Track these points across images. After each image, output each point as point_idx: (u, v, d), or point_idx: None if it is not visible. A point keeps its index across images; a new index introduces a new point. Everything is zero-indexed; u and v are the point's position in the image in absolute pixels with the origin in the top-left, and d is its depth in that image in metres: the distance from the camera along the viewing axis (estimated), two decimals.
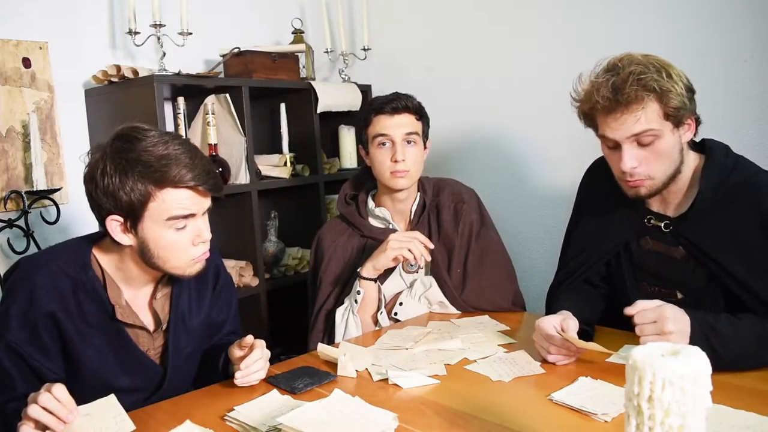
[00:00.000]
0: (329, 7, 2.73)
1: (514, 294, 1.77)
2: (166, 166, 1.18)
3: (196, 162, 1.22)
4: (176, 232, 1.23)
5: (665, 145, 1.30)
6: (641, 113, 1.27)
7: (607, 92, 1.28)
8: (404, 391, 1.23)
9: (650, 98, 1.26)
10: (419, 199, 1.82)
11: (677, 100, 1.26)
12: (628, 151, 1.31)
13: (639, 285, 1.49)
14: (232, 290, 1.55)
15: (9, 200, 2.01)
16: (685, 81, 1.30)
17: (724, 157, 1.37)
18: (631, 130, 1.28)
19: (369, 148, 1.78)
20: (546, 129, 2.26)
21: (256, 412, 1.15)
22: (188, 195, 1.21)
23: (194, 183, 1.20)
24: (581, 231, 1.59)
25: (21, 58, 2.07)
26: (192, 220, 1.24)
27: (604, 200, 1.52)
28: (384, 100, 1.76)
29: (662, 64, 1.29)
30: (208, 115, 2.23)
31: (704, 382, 0.73)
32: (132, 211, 1.19)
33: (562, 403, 1.12)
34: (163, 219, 1.20)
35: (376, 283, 1.71)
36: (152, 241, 1.22)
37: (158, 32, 2.16)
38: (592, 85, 1.33)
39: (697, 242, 1.36)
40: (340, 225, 1.87)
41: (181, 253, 1.25)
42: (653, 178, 1.33)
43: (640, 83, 1.25)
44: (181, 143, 1.23)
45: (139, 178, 1.17)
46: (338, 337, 1.69)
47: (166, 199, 1.19)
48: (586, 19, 2.12)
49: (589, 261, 1.55)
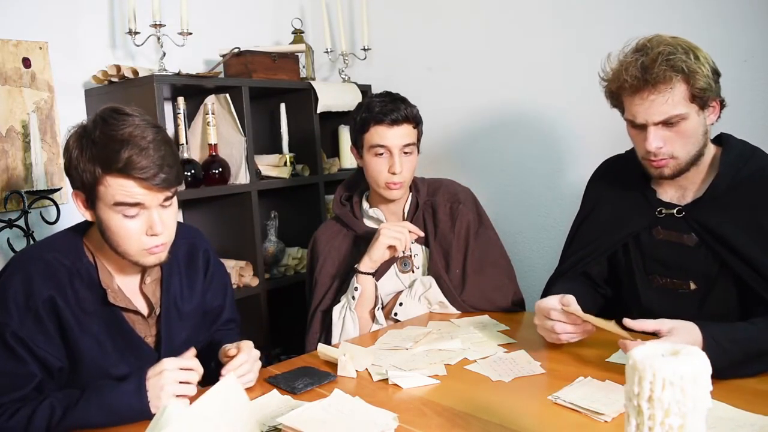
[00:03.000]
0: (329, 7, 2.73)
1: (513, 293, 1.77)
2: (116, 152, 1.16)
3: (151, 152, 1.18)
4: (126, 219, 1.21)
5: (690, 127, 1.32)
6: (669, 94, 1.28)
7: (636, 71, 1.30)
8: (404, 391, 1.23)
9: (678, 79, 1.28)
10: (411, 198, 1.82)
11: (704, 81, 1.29)
12: (654, 132, 1.33)
13: (650, 277, 1.48)
14: (225, 275, 1.54)
15: (9, 200, 2.01)
16: (711, 63, 1.32)
17: (742, 146, 1.40)
18: (658, 114, 1.30)
19: (364, 154, 1.76)
20: (546, 129, 2.26)
21: (256, 412, 1.15)
22: (134, 186, 1.19)
23: (141, 175, 1.17)
24: (588, 226, 1.59)
25: (21, 58, 2.07)
26: (143, 210, 1.22)
27: (615, 197, 1.53)
28: (382, 108, 1.70)
29: (690, 46, 1.31)
30: (208, 115, 2.23)
31: (704, 382, 0.73)
32: (87, 190, 1.21)
33: (562, 403, 1.12)
34: (111, 204, 1.20)
35: (373, 278, 1.71)
36: (104, 222, 1.22)
37: (158, 32, 2.16)
38: (620, 64, 1.34)
39: (710, 227, 1.36)
40: (335, 226, 1.87)
41: (131, 241, 1.23)
42: (677, 157, 1.35)
43: (668, 63, 1.27)
44: (151, 132, 1.20)
45: (90, 159, 1.18)
46: (335, 335, 1.69)
47: (112, 184, 1.18)
48: (585, 20, 2.12)
49: (594, 253, 1.55)
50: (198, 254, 1.45)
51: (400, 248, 1.67)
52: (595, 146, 2.04)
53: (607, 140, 1.52)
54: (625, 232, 1.50)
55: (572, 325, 1.31)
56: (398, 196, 1.76)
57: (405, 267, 1.79)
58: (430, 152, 2.59)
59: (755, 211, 1.32)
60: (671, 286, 1.44)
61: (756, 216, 1.32)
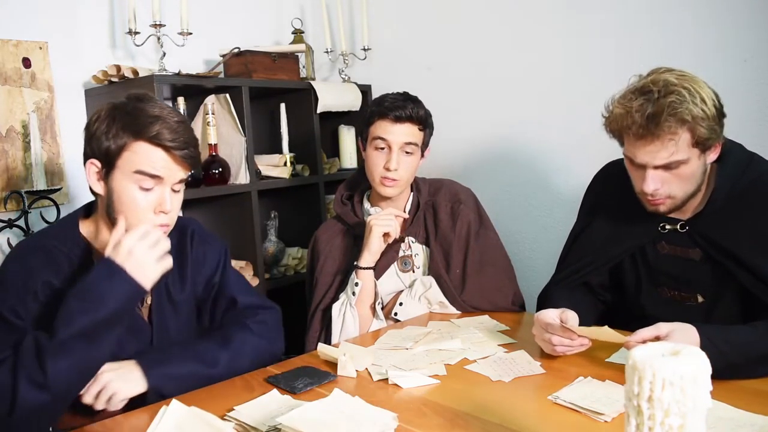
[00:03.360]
0: (329, 7, 2.73)
1: (513, 294, 1.77)
2: (150, 123, 1.23)
3: (180, 131, 1.25)
4: (140, 192, 1.24)
5: (690, 170, 1.29)
6: (673, 145, 1.25)
7: (641, 119, 1.24)
8: (404, 391, 1.23)
9: (683, 129, 1.24)
10: (413, 198, 1.82)
11: (708, 129, 1.25)
12: (653, 175, 1.30)
13: (658, 289, 1.47)
14: (217, 252, 1.49)
15: (9, 200, 2.01)
16: (716, 104, 1.27)
17: (739, 153, 1.38)
18: (659, 159, 1.27)
19: (367, 147, 1.78)
20: (546, 130, 2.26)
21: (256, 412, 1.15)
22: (161, 156, 1.24)
23: (170, 144, 1.23)
24: (588, 236, 1.57)
25: (21, 58, 2.07)
26: (160, 185, 1.25)
27: (615, 207, 1.51)
28: (391, 104, 1.72)
29: (695, 87, 1.25)
30: (208, 115, 2.23)
31: (704, 382, 0.73)
32: (108, 157, 1.24)
33: (562, 403, 1.12)
34: (131, 171, 1.23)
35: (372, 273, 1.71)
36: (116, 193, 1.24)
37: (158, 32, 2.16)
38: (625, 108, 1.28)
39: (714, 239, 1.36)
40: (336, 226, 1.87)
41: (138, 215, 1.24)
42: (674, 197, 1.33)
43: (676, 117, 1.22)
44: (177, 115, 1.27)
45: (122, 126, 1.23)
46: (335, 332, 1.69)
47: (138, 151, 1.23)
48: (586, 20, 2.12)
49: (592, 265, 1.54)
50: (186, 236, 1.45)
51: (393, 233, 1.69)
52: (595, 147, 2.02)
53: (608, 141, 1.52)
54: (629, 244, 1.48)
55: (569, 340, 1.31)
56: (392, 194, 1.76)
57: (405, 266, 1.80)
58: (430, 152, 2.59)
59: (757, 219, 1.32)
60: (679, 298, 1.44)
61: (758, 224, 1.31)
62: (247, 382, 1.31)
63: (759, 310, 1.30)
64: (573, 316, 1.31)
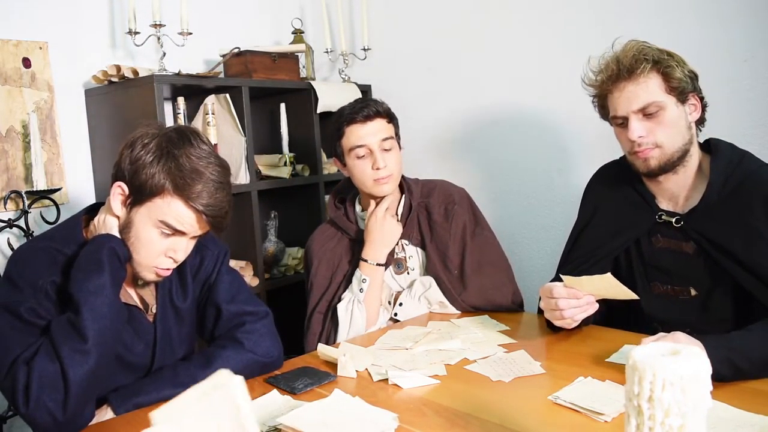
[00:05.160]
0: (329, 7, 2.73)
1: (513, 293, 1.76)
2: (192, 180, 1.20)
3: (218, 196, 1.23)
4: (158, 236, 1.24)
5: (670, 117, 1.37)
6: (644, 83, 1.36)
7: (615, 65, 1.39)
8: (404, 391, 1.23)
9: (651, 68, 1.36)
10: (405, 200, 1.81)
11: (678, 72, 1.36)
12: (635, 122, 1.38)
13: (650, 284, 1.49)
14: (217, 252, 1.49)
15: (9, 200, 2.01)
16: (687, 64, 1.40)
17: (730, 152, 1.42)
18: (636, 102, 1.36)
19: (346, 161, 1.76)
20: (546, 129, 2.26)
21: (256, 412, 1.14)
22: (191, 216, 1.23)
23: (203, 210, 1.22)
24: (588, 235, 1.59)
25: (21, 58, 2.07)
26: (179, 236, 1.25)
27: (614, 203, 1.54)
28: (353, 109, 1.73)
29: (664, 49, 1.40)
30: (208, 115, 2.23)
31: (704, 382, 0.73)
32: (140, 193, 1.22)
33: (562, 403, 1.12)
34: (157, 218, 1.22)
35: (383, 269, 1.73)
36: (135, 227, 1.24)
37: (158, 32, 2.16)
38: (599, 64, 1.44)
39: (708, 235, 1.38)
40: (329, 230, 1.87)
41: (150, 254, 1.25)
42: (662, 146, 1.38)
43: (641, 53, 1.36)
44: (220, 172, 1.25)
45: (165, 171, 1.20)
46: (342, 331, 1.69)
47: (172, 205, 1.21)
48: (585, 19, 2.12)
49: (597, 256, 1.55)
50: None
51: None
52: (595, 146, 2.04)
53: (607, 140, 1.53)
54: (627, 235, 1.51)
55: (575, 300, 1.34)
56: (389, 191, 1.75)
57: (399, 268, 1.79)
58: (429, 152, 2.60)
59: (749, 216, 1.34)
60: (672, 293, 1.46)
61: (750, 221, 1.34)
62: (246, 383, 1.31)
63: (752, 304, 1.32)
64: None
